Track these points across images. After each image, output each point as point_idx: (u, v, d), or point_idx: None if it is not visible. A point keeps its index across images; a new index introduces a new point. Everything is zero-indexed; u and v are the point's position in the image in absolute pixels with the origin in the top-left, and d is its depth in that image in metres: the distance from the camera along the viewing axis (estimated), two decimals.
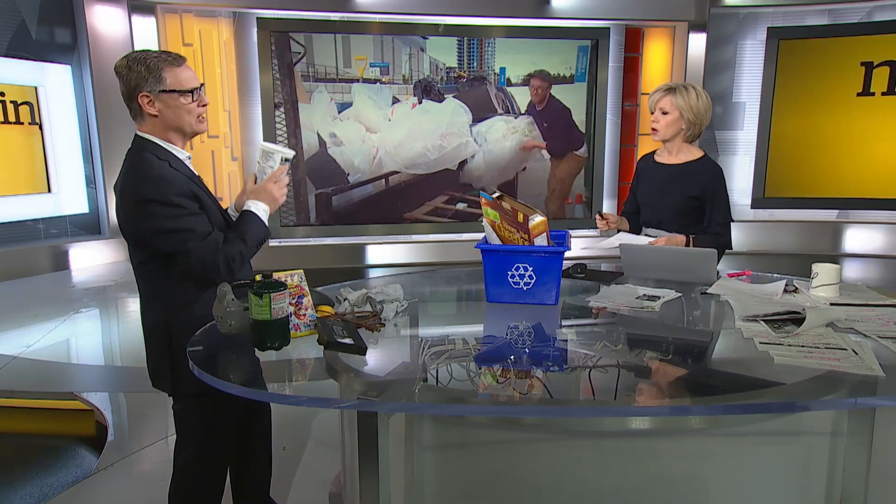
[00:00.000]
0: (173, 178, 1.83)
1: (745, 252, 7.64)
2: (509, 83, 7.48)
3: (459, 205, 7.65)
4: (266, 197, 2.01)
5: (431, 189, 7.60)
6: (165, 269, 1.87)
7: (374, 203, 7.48)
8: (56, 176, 6.88)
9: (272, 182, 2.02)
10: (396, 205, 7.55)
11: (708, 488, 1.75)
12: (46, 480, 2.87)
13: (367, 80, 7.19)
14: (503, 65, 7.43)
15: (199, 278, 1.86)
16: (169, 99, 1.85)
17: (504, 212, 2.15)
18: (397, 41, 7.17)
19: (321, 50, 7.06)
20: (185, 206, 1.82)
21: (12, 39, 6.49)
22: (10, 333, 4.81)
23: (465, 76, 7.38)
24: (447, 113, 7.41)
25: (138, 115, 1.88)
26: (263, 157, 2.05)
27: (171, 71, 1.85)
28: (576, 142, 7.81)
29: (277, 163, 2.05)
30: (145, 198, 1.79)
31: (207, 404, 1.90)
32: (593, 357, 1.75)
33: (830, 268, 2.18)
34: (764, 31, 7.72)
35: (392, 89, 7.27)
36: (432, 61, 7.30)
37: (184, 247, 1.81)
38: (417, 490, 1.70)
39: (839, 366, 1.58)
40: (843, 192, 7.82)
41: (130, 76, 1.82)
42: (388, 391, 1.55)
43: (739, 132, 7.98)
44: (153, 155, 1.85)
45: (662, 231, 2.74)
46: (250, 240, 1.94)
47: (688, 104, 2.62)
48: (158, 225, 1.80)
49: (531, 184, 7.79)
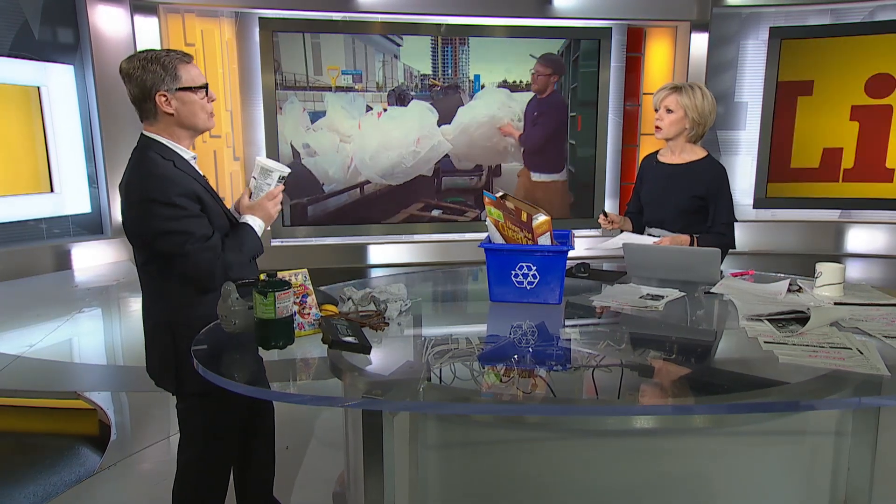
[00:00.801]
0: (177, 177, 1.83)
1: (748, 252, 7.63)
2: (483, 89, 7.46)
3: (435, 212, 7.62)
4: (262, 213, 2.03)
5: (408, 196, 7.55)
6: (168, 269, 1.87)
7: (348, 212, 7.45)
8: (58, 176, 6.87)
9: (269, 199, 2.03)
10: (371, 214, 7.51)
11: (712, 488, 1.75)
12: (50, 479, 2.88)
13: (339, 88, 7.14)
14: (478, 72, 7.39)
15: (195, 282, 1.86)
16: (185, 96, 1.87)
17: (507, 211, 2.15)
18: (370, 48, 7.10)
19: (290, 58, 6.99)
20: (186, 207, 1.82)
21: (15, 39, 6.49)
22: (13, 333, 4.81)
23: (439, 84, 7.35)
24: (415, 117, 7.36)
25: (151, 114, 1.87)
26: (261, 174, 2.04)
27: (184, 68, 1.87)
28: (556, 163, 7.77)
29: (275, 181, 2.04)
30: (148, 197, 1.79)
31: (211, 403, 1.90)
32: (596, 356, 1.75)
33: (834, 267, 2.18)
34: (766, 30, 7.71)
35: (366, 97, 7.22)
36: (406, 68, 7.26)
37: (182, 249, 1.80)
38: (422, 489, 1.70)
39: (844, 365, 1.58)
40: (845, 193, 7.81)
41: (146, 76, 1.82)
42: (393, 390, 1.55)
43: (741, 132, 7.97)
44: (158, 154, 1.85)
45: (665, 231, 2.74)
46: (247, 252, 1.95)
47: (693, 103, 2.62)
48: (158, 225, 1.80)
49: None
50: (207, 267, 1.83)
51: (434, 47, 7.28)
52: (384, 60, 7.22)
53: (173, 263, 1.84)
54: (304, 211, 7.35)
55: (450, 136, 7.49)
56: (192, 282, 1.87)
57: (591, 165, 7.83)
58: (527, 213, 2.08)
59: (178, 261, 1.82)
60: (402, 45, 7.21)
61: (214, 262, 1.83)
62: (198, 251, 1.81)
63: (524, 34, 7.39)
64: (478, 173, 7.66)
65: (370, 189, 7.46)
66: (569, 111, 7.69)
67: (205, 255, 1.82)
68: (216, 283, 1.81)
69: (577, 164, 7.84)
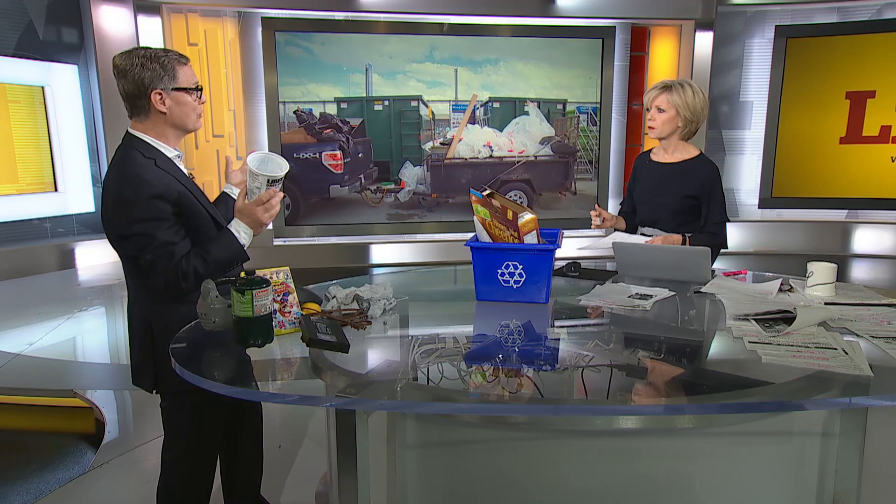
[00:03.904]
0: (154, 178, 1.80)
1: (753, 252, 7.57)
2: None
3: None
4: (249, 220, 1.91)
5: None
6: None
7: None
8: (62, 175, 6.93)
9: (258, 205, 1.89)
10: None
11: (695, 489, 1.73)
12: (45, 477, 2.89)
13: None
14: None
15: (152, 287, 1.83)
16: (180, 97, 1.87)
17: (494, 209, 2.13)
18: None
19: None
20: (155, 209, 1.77)
21: (20, 39, 6.54)
22: (14, 331, 4.84)
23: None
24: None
25: (143, 111, 1.87)
26: (250, 177, 1.89)
27: (181, 69, 1.88)
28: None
29: (264, 185, 1.89)
30: (118, 197, 1.79)
31: (194, 402, 1.89)
32: (582, 356, 1.73)
33: (826, 266, 2.15)
34: (772, 29, 7.65)
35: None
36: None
37: (140, 252, 1.78)
38: (401, 489, 1.69)
39: (827, 365, 1.55)
40: (852, 192, 7.74)
41: (144, 73, 1.82)
42: (369, 389, 1.54)
43: (747, 131, 7.91)
44: (139, 152, 1.84)
45: (658, 230, 2.71)
46: (213, 260, 1.84)
47: (684, 101, 2.59)
48: (124, 226, 1.78)
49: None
50: (163, 274, 1.78)
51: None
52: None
53: (135, 265, 1.83)
54: (306, 209, 7.38)
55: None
56: (149, 286, 1.84)
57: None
58: (512, 212, 2.07)
59: (139, 263, 1.80)
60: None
61: (171, 269, 1.78)
62: (155, 258, 1.77)
63: (527, 33, 7.36)
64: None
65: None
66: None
67: (161, 262, 1.78)
68: (171, 291, 1.79)
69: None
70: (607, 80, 7.57)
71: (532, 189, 7.85)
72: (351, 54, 7.15)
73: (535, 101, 7.60)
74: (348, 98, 7.26)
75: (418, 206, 7.67)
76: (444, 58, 7.38)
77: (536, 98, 7.60)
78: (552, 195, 7.90)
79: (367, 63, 7.21)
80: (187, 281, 1.80)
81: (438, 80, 7.42)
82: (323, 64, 7.13)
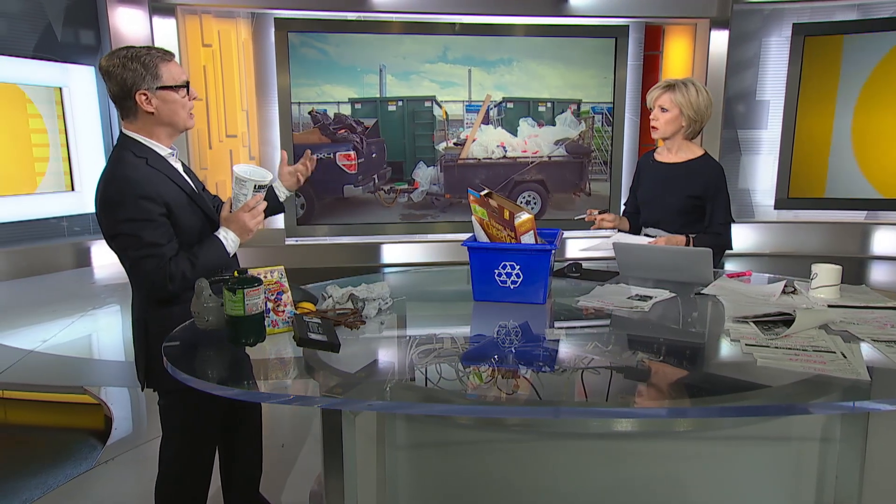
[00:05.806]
0: (144, 178, 1.80)
1: (769, 254, 7.46)
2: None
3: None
4: (237, 227, 1.93)
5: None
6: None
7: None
8: (79, 174, 7.03)
9: (245, 212, 1.92)
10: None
11: (690, 494, 1.70)
12: (53, 472, 2.92)
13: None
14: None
15: (139, 287, 1.85)
16: (166, 95, 1.85)
17: (491, 209, 2.12)
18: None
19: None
20: (143, 210, 1.77)
21: (39, 41, 6.65)
22: (29, 328, 4.92)
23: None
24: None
25: (131, 112, 1.86)
26: (237, 183, 1.93)
27: (165, 67, 1.85)
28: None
29: (251, 192, 1.93)
30: (107, 197, 1.80)
31: (189, 399, 1.89)
32: (579, 357, 1.71)
33: (830, 268, 2.11)
34: (789, 27, 7.53)
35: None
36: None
37: (126, 253, 1.80)
38: (391, 490, 1.68)
39: (824, 369, 1.52)
40: (871, 193, 7.60)
41: (126, 74, 1.80)
42: (356, 389, 1.53)
43: (763, 131, 7.80)
44: (131, 152, 1.84)
45: (662, 231, 2.68)
46: (200, 265, 1.84)
47: (687, 101, 2.56)
48: (112, 226, 1.80)
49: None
50: (149, 275, 1.79)
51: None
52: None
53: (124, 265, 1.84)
54: (320, 209, 7.41)
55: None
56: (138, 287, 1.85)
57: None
58: (509, 212, 2.05)
59: (125, 264, 1.81)
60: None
61: (157, 271, 1.78)
62: (141, 257, 1.78)
63: (540, 33, 7.33)
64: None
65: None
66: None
67: (147, 262, 1.78)
68: (157, 292, 1.80)
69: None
70: (620, 80, 7.51)
71: (546, 190, 7.81)
72: (365, 55, 7.17)
73: (549, 101, 7.56)
74: (362, 99, 7.27)
75: (431, 207, 7.67)
76: (458, 58, 7.37)
77: (550, 98, 7.56)
78: (566, 196, 7.86)
79: (381, 64, 7.22)
80: (174, 283, 1.80)
81: (452, 80, 7.41)
82: (338, 65, 7.15)
